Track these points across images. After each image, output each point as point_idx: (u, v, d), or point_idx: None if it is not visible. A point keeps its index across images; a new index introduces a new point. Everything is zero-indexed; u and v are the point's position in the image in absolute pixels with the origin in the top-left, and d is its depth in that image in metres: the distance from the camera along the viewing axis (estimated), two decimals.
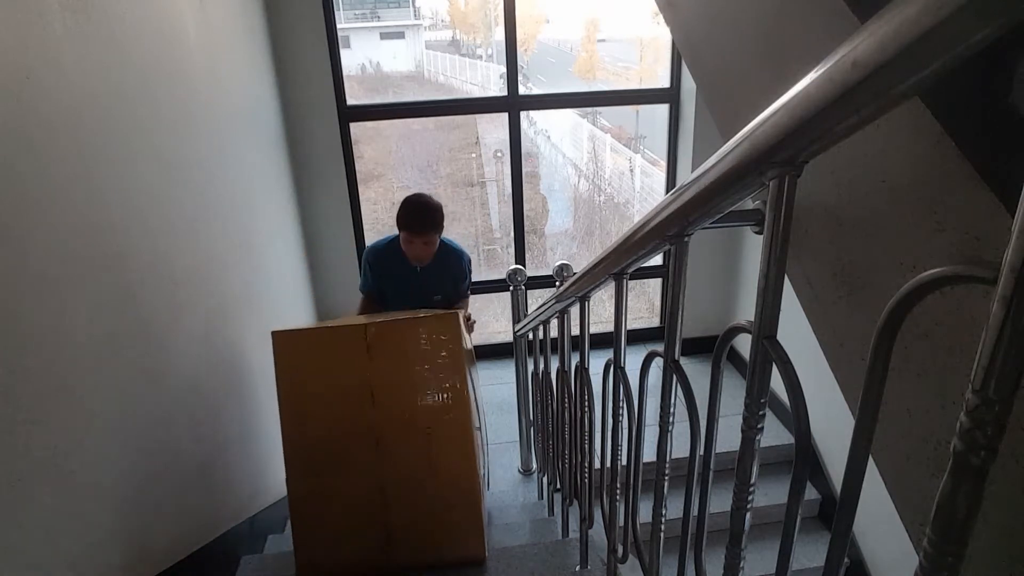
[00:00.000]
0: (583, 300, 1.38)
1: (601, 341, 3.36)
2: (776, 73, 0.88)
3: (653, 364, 1.05)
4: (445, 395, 1.60)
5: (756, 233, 0.85)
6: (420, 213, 2.11)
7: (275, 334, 1.63)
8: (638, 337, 4.01)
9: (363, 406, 1.59)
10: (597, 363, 1.31)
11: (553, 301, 1.75)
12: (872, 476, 0.58)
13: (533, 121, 7.78)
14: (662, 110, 3.58)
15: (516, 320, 2.66)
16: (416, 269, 2.27)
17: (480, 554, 1.56)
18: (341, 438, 1.60)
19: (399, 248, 2.21)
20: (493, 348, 3.99)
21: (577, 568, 1.64)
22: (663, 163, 3.77)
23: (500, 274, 2.99)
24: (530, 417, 2.83)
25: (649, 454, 1.02)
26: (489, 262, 6.62)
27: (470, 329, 2.44)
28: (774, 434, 3.04)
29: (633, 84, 8.53)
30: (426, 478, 1.58)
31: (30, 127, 1.12)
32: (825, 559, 0.59)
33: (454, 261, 2.35)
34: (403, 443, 1.59)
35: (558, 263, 2.35)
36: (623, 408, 1.24)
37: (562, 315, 1.70)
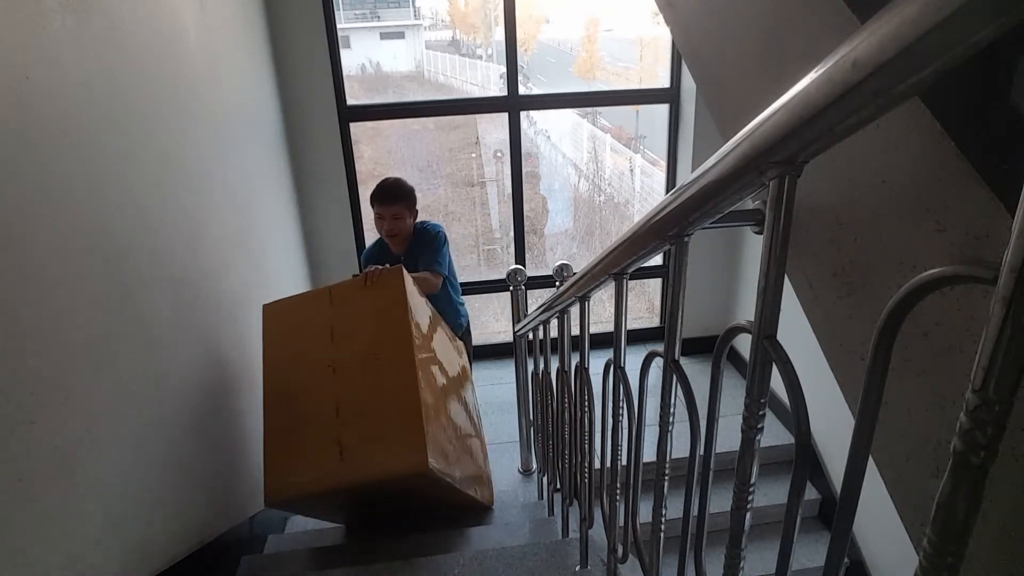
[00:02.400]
0: (583, 300, 1.38)
1: (601, 341, 3.35)
2: (776, 73, 0.88)
3: (653, 364, 1.05)
4: (391, 329, 1.84)
5: (756, 233, 0.85)
6: (385, 186, 2.33)
7: (265, 307, 1.95)
8: (638, 337, 4.01)
9: (325, 344, 1.85)
10: (597, 363, 1.31)
11: (553, 301, 1.75)
12: (872, 476, 0.58)
13: (533, 121, 7.78)
14: (662, 110, 3.58)
15: (516, 320, 2.66)
16: (400, 258, 2.44)
17: (422, 467, 1.64)
18: (306, 371, 1.84)
19: (384, 242, 2.44)
20: (493, 348, 3.99)
21: (577, 568, 1.64)
22: (663, 163, 3.77)
23: (500, 274, 2.99)
24: (530, 417, 2.83)
25: (649, 454, 1.02)
26: (489, 262, 6.62)
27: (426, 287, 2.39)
28: (774, 434, 3.04)
29: (633, 84, 8.53)
30: (374, 396, 1.77)
31: (30, 127, 1.12)
32: (825, 559, 0.59)
33: (425, 238, 2.46)
34: (355, 369, 1.81)
35: (558, 263, 2.35)
36: (623, 408, 1.24)
37: (562, 315, 1.70)
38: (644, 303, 5.16)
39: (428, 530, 2.07)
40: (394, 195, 2.32)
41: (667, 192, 2.09)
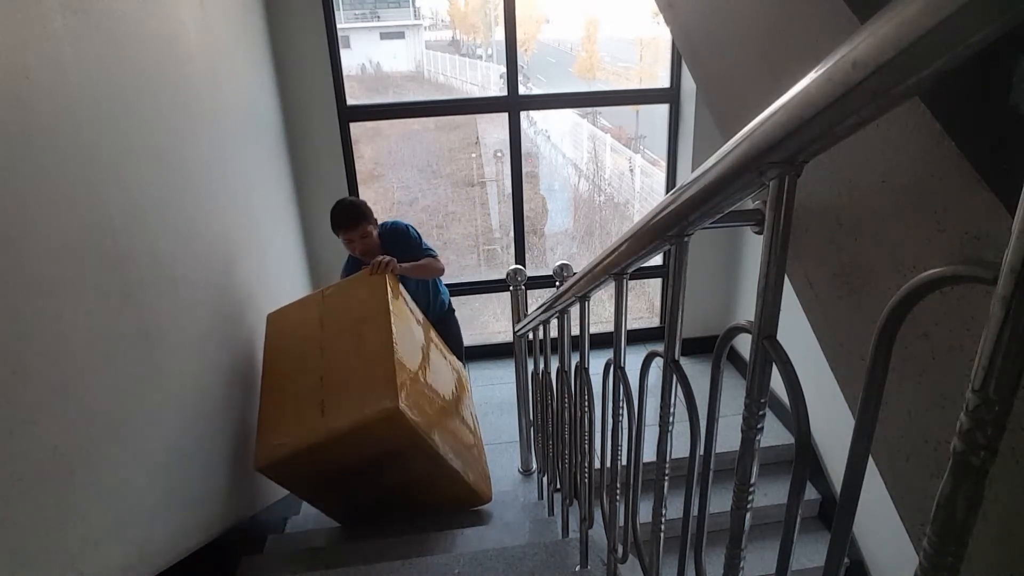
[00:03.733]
0: (583, 300, 1.38)
1: (601, 341, 3.34)
2: (776, 73, 0.88)
3: (653, 364, 1.05)
4: (372, 308, 2.07)
5: (756, 233, 0.85)
6: (343, 213, 2.38)
7: (269, 316, 2.22)
8: (638, 337, 4.01)
9: (315, 332, 2.09)
10: (597, 363, 1.31)
11: (553, 301, 1.75)
12: (872, 476, 0.58)
13: (533, 121, 7.78)
14: (662, 110, 3.58)
15: (516, 320, 2.66)
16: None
17: (392, 409, 1.76)
18: (298, 357, 2.06)
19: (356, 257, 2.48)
20: (493, 348, 3.99)
21: (577, 568, 1.64)
22: (663, 163, 3.77)
23: (500, 274, 2.99)
24: (530, 417, 2.83)
25: (649, 454, 1.02)
26: (489, 262, 6.62)
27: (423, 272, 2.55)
28: (774, 434, 3.04)
29: (633, 84, 8.53)
30: (353, 359, 1.96)
31: (30, 127, 1.12)
32: (825, 559, 0.59)
33: (398, 238, 2.50)
34: (339, 343, 2.03)
35: (558, 263, 2.35)
36: (623, 408, 1.24)
37: (562, 315, 1.70)
38: (644, 303, 5.17)
39: (428, 530, 2.07)
40: (356, 218, 2.36)
41: (667, 192, 2.09)
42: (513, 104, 3.39)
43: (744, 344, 0.62)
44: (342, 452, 1.83)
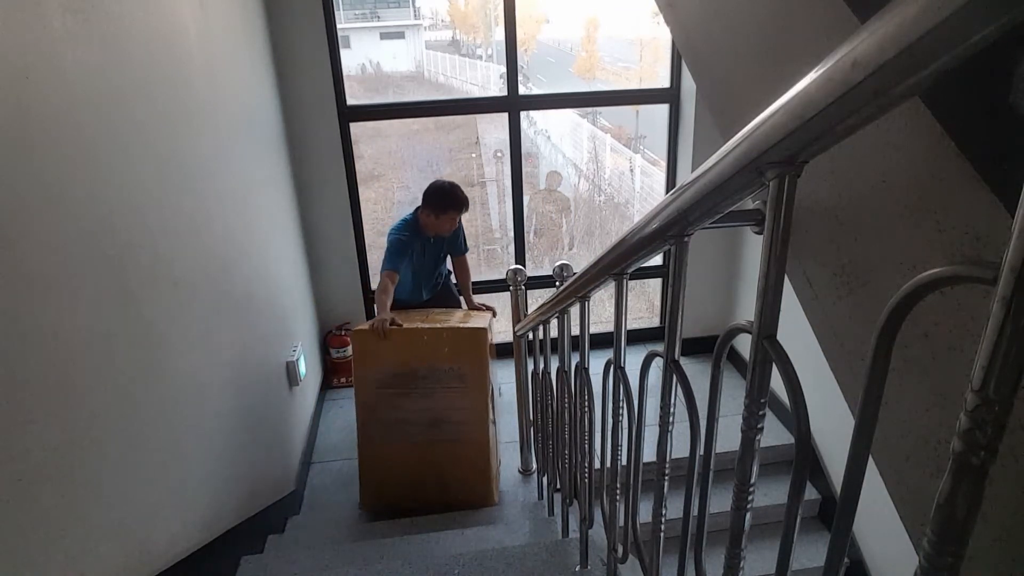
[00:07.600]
0: (583, 300, 1.38)
1: (601, 341, 3.34)
2: (776, 73, 0.88)
3: (653, 364, 1.05)
4: (472, 315, 2.78)
5: (756, 233, 0.85)
6: (462, 196, 2.72)
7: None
8: (638, 337, 4.01)
9: (423, 313, 2.74)
10: (597, 363, 1.31)
11: (553, 301, 1.75)
12: (872, 476, 0.58)
13: (533, 121, 7.78)
14: (662, 110, 3.58)
15: (516, 320, 2.66)
16: (430, 238, 2.81)
17: (483, 328, 2.47)
18: (407, 317, 2.57)
19: (415, 224, 2.77)
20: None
21: (577, 568, 1.64)
22: (663, 163, 3.77)
23: (500, 274, 3.00)
24: (530, 417, 2.83)
25: (649, 454, 1.02)
26: (489, 262, 6.62)
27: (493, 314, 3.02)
28: (774, 434, 3.03)
29: (633, 84, 8.52)
30: (454, 319, 2.62)
31: (29, 127, 1.12)
32: (825, 559, 0.59)
33: (458, 227, 2.90)
34: (443, 318, 2.63)
35: (558, 263, 2.35)
36: (623, 408, 1.24)
37: (562, 315, 1.70)
38: (644, 303, 5.17)
39: (428, 530, 2.08)
40: (466, 207, 2.75)
41: (667, 192, 2.09)
42: (513, 104, 3.39)
43: (744, 344, 0.62)
44: (424, 348, 2.40)
